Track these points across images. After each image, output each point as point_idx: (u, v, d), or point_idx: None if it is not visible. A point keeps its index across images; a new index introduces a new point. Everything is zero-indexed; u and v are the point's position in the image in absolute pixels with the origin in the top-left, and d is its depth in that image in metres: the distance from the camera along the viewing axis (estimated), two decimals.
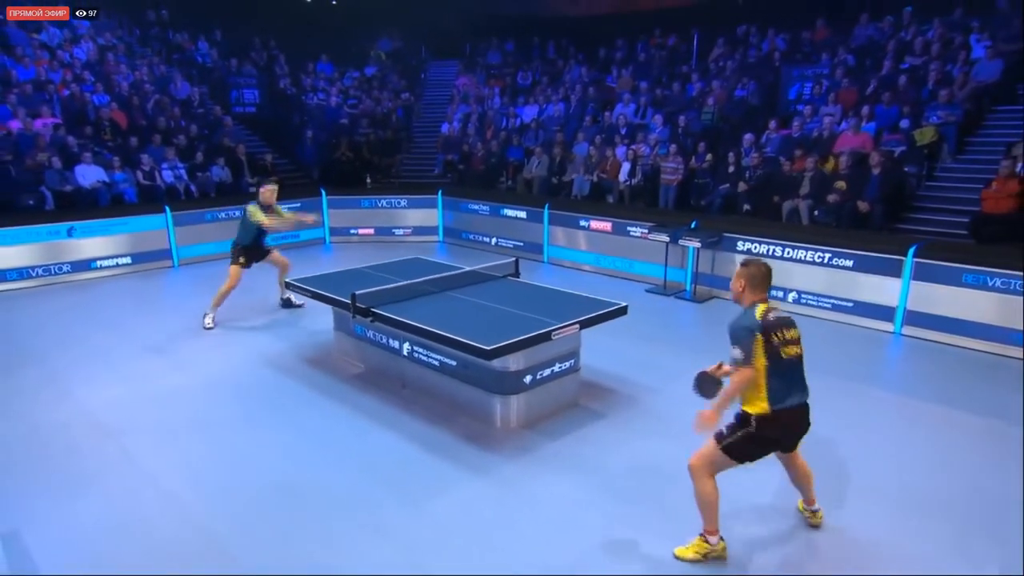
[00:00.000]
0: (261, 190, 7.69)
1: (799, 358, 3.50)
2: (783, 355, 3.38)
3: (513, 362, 5.09)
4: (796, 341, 3.48)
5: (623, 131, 12.26)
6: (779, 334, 3.39)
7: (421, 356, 5.68)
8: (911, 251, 6.97)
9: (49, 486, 4.39)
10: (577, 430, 5.18)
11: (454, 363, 5.41)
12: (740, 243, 8.26)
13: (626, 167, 11.37)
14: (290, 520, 4.04)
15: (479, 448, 4.89)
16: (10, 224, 9.10)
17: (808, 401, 3.54)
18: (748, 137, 10.50)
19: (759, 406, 3.39)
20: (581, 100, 14.00)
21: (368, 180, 13.10)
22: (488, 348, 4.64)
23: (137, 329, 7.41)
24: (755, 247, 8.11)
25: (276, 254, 7.98)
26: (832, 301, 7.63)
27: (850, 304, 7.48)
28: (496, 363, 5.00)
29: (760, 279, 3.52)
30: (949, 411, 5.48)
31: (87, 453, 4.83)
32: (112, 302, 8.63)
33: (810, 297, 7.82)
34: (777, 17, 13.65)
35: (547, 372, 5.36)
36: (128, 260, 9.91)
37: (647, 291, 8.88)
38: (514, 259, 6.81)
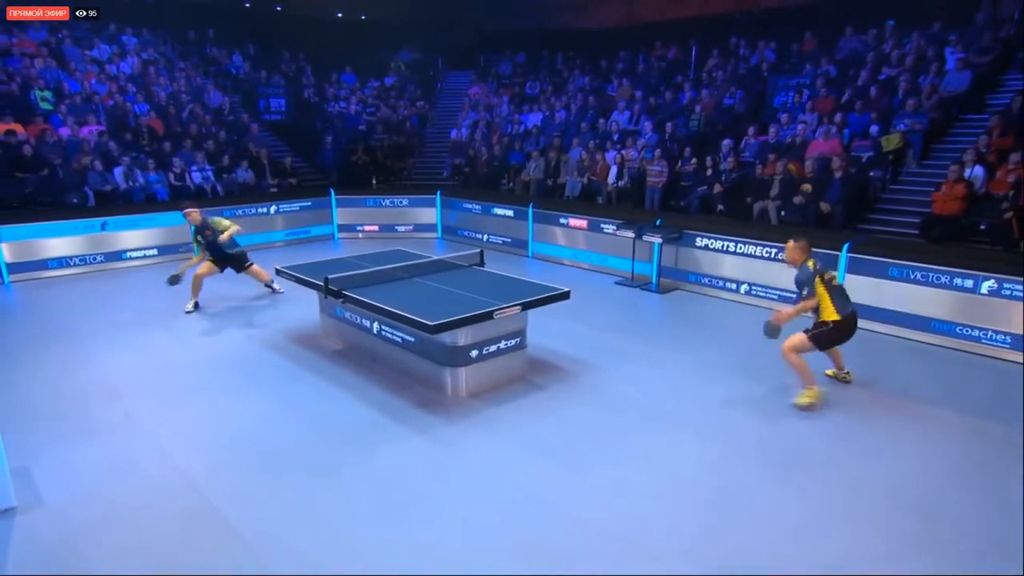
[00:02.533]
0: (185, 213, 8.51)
1: (842, 285, 5.82)
2: (833, 284, 5.63)
3: (461, 338, 5.84)
4: (835, 276, 5.83)
5: (615, 137, 12.95)
6: (827, 275, 5.62)
7: (387, 334, 6.50)
8: (845, 247, 7.52)
9: (58, 434, 5.26)
10: (517, 400, 5.88)
11: (413, 339, 6.20)
12: (699, 239, 8.91)
13: (615, 170, 12.06)
14: (257, 465, 4.82)
15: (427, 412, 5.63)
16: (52, 219, 10.33)
17: (855, 310, 5.68)
18: (727, 142, 11.09)
19: (831, 315, 5.55)
20: (581, 108, 14.73)
21: (374, 181, 14.09)
22: (432, 324, 5.41)
23: (154, 311, 8.43)
24: (711, 243, 8.77)
25: (255, 268, 8.82)
26: (778, 292, 8.21)
27: (795, 296, 8.00)
28: (445, 338, 5.77)
29: (805, 248, 5.71)
30: (873, 394, 5.99)
31: (94, 410, 5.72)
32: (137, 288, 9.73)
33: (759, 288, 8.43)
34: (771, 29, 14.19)
35: (493, 348, 6.07)
36: (154, 252, 11.09)
37: (616, 283, 9.58)
38: (479, 250, 7.57)
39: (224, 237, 8.31)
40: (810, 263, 5.65)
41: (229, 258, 8.56)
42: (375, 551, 3.88)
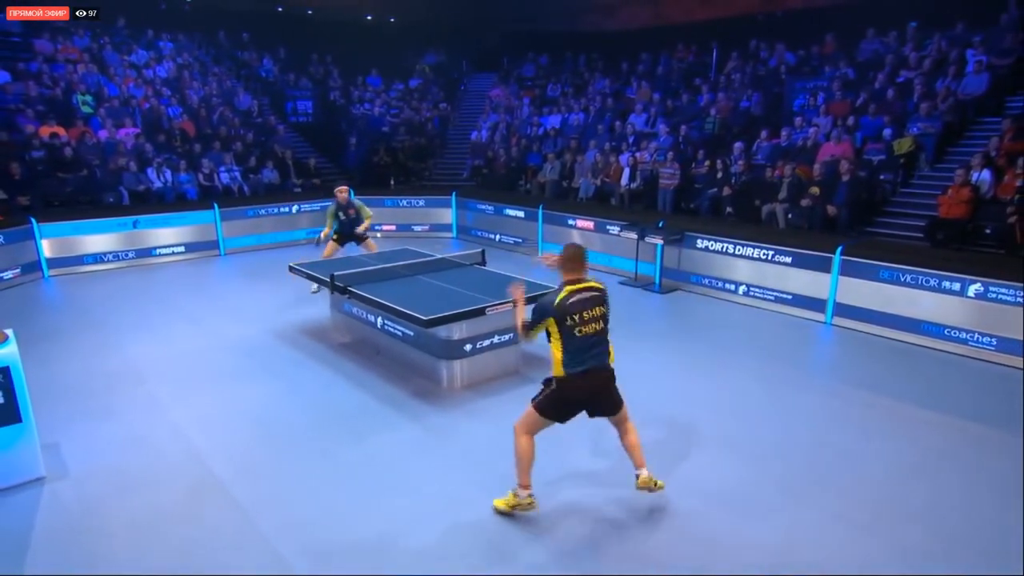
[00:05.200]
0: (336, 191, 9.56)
1: (596, 333, 3.96)
2: (577, 334, 3.91)
3: (456, 332, 6.14)
4: (596, 319, 3.96)
5: (631, 139, 13.10)
6: (574, 317, 3.89)
7: (389, 327, 6.83)
8: (839, 249, 7.62)
9: (86, 412, 5.73)
10: (508, 391, 6.14)
11: (412, 333, 6.52)
12: (699, 241, 9.07)
13: (627, 172, 12.22)
14: (260, 443, 5.23)
15: (422, 402, 5.95)
16: (89, 217, 10.95)
17: (605, 366, 4.03)
18: (738, 145, 11.16)
19: (556, 370, 4.01)
20: (600, 110, 14.91)
21: (392, 182, 14.50)
22: (425, 318, 5.72)
23: (180, 304, 8.97)
24: (712, 245, 8.91)
25: (369, 242, 9.66)
26: (775, 294, 8.34)
27: (790, 297, 8.18)
28: (441, 332, 6.07)
29: (570, 260, 4.04)
30: (856, 391, 6.12)
31: (119, 391, 6.20)
32: (166, 283, 10.27)
33: (756, 290, 8.55)
34: (793, 32, 14.17)
35: (487, 343, 6.35)
36: (182, 249, 11.65)
37: (620, 283, 9.78)
38: (481, 249, 7.86)
39: (364, 225, 9.54)
40: (566, 289, 3.97)
41: (354, 235, 9.59)
42: (357, 517, 4.27)
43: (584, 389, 4.02)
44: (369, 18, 20.64)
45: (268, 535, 4.08)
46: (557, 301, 3.94)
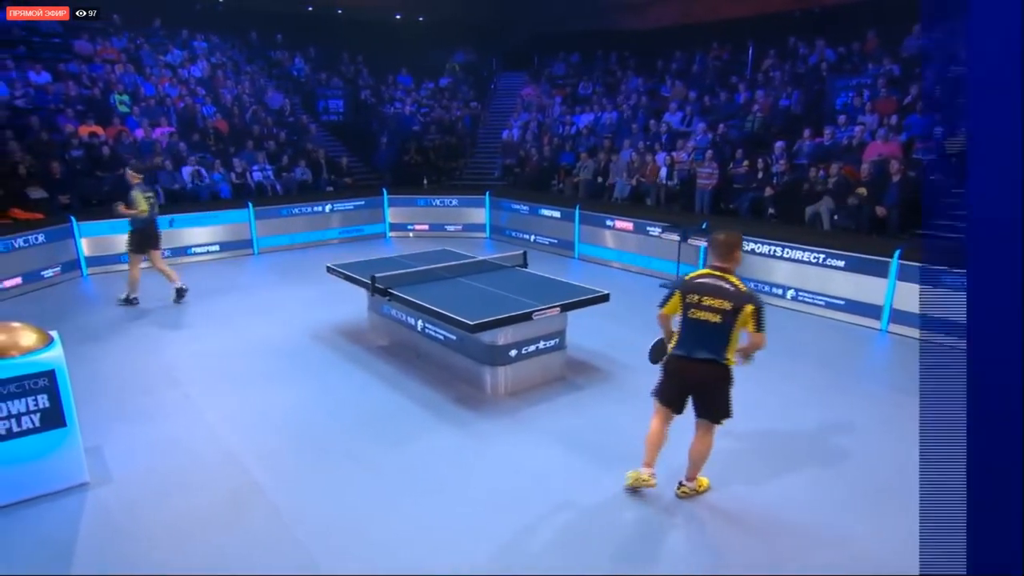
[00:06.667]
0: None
1: (710, 324, 3.91)
2: (690, 315, 3.97)
3: (501, 337, 5.98)
4: (711, 309, 3.89)
5: (664, 138, 12.85)
6: (693, 296, 3.94)
7: (431, 331, 6.70)
8: (896, 253, 7.31)
9: (125, 416, 5.68)
10: (555, 399, 5.99)
11: (455, 337, 6.38)
12: (744, 243, 8.76)
13: (664, 172, 11.98)
14: (299, 447, 5.14)
15: (465, 408, 5.80)
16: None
17: (705, 359, 3.99)
18: (779, 144, 10.86)
19: (670, 348, 4.23)
20: (634, 107, 14.66)
21: (425, 181, 14.41)
22: (472, 323, 5.57)
23: (214, 304, 8.93)
24: (757, 247, 8.65)
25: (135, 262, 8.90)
26: (826, 299, 8.05)
27: (842, 302, 7.89)
28: (485, 337, 5.91)
29: (719, 244, 4.03)
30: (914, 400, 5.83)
31: (157, 394, 6.15)
32: (200, 282, 10.18)
33: (806, 295, 8.27)
34: (834, 28, 13.79)
35: (532, 348, 6.19)
36: (217, 248, 11.65)
37: (661, 286, 9.46)
38: (522, 251, 7.69)
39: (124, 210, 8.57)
40: (703, 270, 4.11)
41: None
42: (395, 526, 4.17)
43: (679, 373, 4.14)
44: (398, 17, 20.59)
45: (304, 540, 4.00)
46: (688, 277, 4.10)
